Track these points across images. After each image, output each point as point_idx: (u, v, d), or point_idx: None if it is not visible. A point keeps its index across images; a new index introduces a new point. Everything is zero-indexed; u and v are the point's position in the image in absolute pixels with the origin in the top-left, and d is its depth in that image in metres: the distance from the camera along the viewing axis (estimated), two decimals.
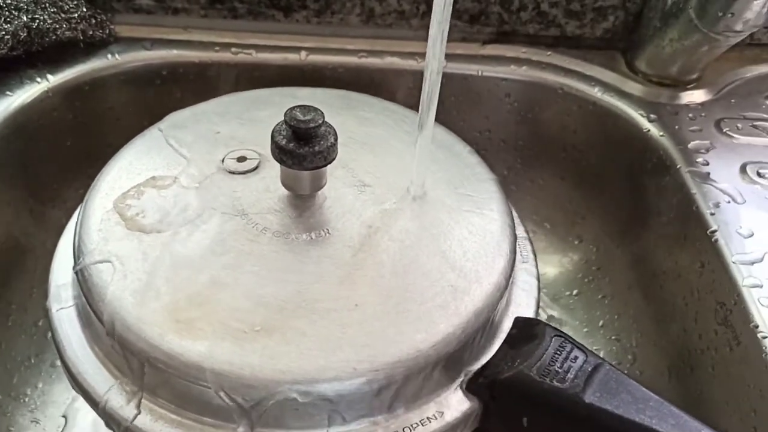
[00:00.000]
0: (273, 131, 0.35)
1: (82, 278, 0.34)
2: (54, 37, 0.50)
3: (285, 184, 0.37)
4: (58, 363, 0.48)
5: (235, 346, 0.31)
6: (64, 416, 0.46)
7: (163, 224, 0.35)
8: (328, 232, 0.36)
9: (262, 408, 0.31)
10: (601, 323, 0.52)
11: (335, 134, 0.35)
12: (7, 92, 0.48)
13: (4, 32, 0.47)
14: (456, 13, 0.54)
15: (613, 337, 0.51)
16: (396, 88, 0.55)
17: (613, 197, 0.53)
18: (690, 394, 0.42)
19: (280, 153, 0.35)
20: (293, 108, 0.34)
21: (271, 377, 0.30)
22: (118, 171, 0.39)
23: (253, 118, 0.42)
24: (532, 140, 0.56)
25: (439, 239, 0.36)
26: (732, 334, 0.38)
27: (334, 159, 0.35)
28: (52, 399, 0.46)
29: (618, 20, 0.54)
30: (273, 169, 0.38)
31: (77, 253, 0.35)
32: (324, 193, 0.37)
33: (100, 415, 0.33)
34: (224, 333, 0.31)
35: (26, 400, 0.46)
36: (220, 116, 0.42)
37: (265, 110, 0.43)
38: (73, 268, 0.35)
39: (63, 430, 0.46)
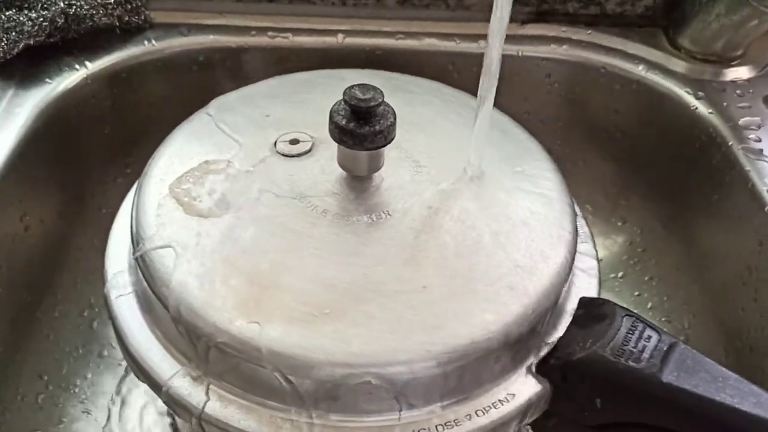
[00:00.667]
0: (331, 111, 0.34)
1: (143, 264, 0.34)
2: (90, 24, 0.49)
3: (342, 165, 0.36)
4: (106, 353, 0.48)
5: (305, 329, 0.30)
6: (108, 407, 0.46)
7: (222, 209, 0.35)
8: (389, 214, 0.35)
9: (334, 392, 0.30)
10: (649, 305, 0.51)
11: (394, 113, 0.34)
12: (47, 79, 0.47)
13: (42, 19, 0.47)
14: None
15: (663, 319, 0.50)
16: (435, 70, 0.54)
17: (659, 178, 0.52)
18: (750, 375, 0.41)
19: (340, 133, 0.34)
20: (352, 87, 0.34)
21: (343, 360, 0.30)
22: (170, 156, 0.38)
23: (301, 100, 0.42)
24: (572, 121, 0.55)
25: (501, 219, 0.35)
26: None
27: (393, 138, 0.35)
28: (101, 389, 0.46)
29: None
30: (327, 151, 0.38)
31: (136, 240, 0.35)
32: (381, 174, 0.37)
33: (165, 401, 0.33)
34: (293, 317, 0.31)
35: (76, 390, 0.45)
36: (268, 99, 0.42)
37: (312, 92, 0.42)
38: (133, 254, 0.35)
39: (109, 419, 0.46)
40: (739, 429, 0.30)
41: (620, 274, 0.54)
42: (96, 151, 0.52)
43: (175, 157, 0.38)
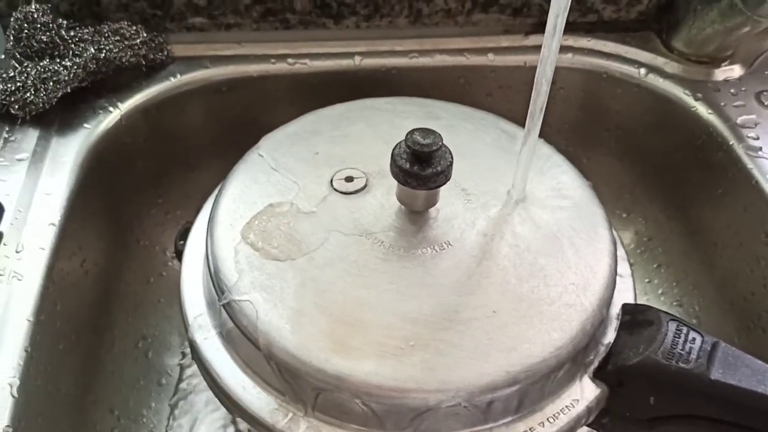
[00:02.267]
0: (393, 154, 0.37)
1: (230, 311, 0.36)
2: (118, 64, 0.51)
3: (402, 202, 0.39)
4: (164, 381, 0.50)
5: (396, 362, 0.34)
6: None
7: (295, 251, 0.38)
8: (450, 244, 0.38)
9: (426, 417, 0.34)
10: (660, 291, 0.56)
11: (451, 153, 0.37)
12: (85, 124, 0.49)
13: (76, 66, 0.48)
14: (500, 8, 0.56)
15: (674, 303, 0.55)
16: (447, 84, 0.57)
17: (662, 173, 0.57)
18: (764, 355, 0.46)
19: (404, 176, 0.37)
20: (413, 132, 0.37)
21: (434, 388, 0.33)
22: (233, 200, 0.40)
23: (344, 134, 0.44)
24: (577, 123, 0.59)
25: (550, 239, 0.39)
26: None
27: (450, 177, 0.38)
28: (166, 416, 0.49)
29: (651, 2, 0.57)
30: (381, 186, 0.41)
31: (219, 287, 0.37)
32: (436, 206, 0.40)
33: None
34: (382, 351, 0.34)
35: (144, 420, 0.48)
36: (313, 135, 0.44)
37: (352, 125, 0.45)
38: (219, 300, 0.37)
39: None
40: None
41: (630, 262, 0.58)
42: (130, 186, 0.54)
43: (239, 201, 0.40)
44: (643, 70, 0.55)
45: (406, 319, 0.35)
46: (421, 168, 0.37)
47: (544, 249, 0.38)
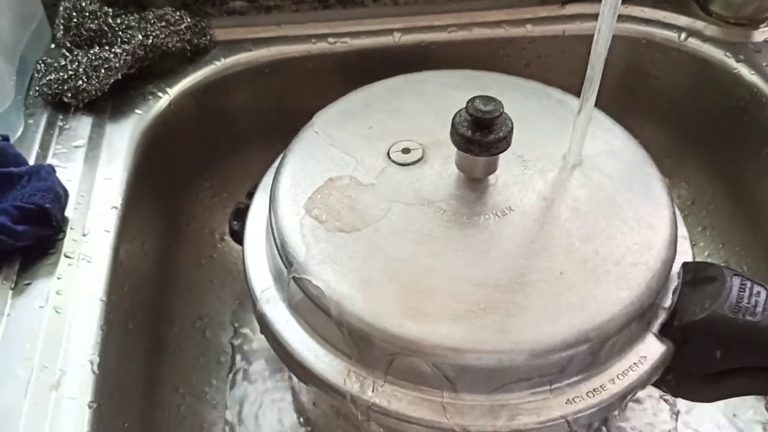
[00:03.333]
0: (454, 122, 0.38)
1: (300, 283, 0.37)
2: (164, 50, 0.51)
3: (462, 170, 0.40)
4: (222, 359, 0.51)
5: (468, 325, 0.34)
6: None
7: (360, 222, 0.38)
8: (511, 209, 0.39)
9: (499, 378, 0.34)
10: (706, 253, 0.56)
11: (511, 120, 0.38)
12: (137, 110, 0.50)
13: (125, 53, 0.49)
14: None
15: (722, 264, 0.55)
16: (488, 57, 0.57)
17: (704, 136, 0.57)
18: None
19: (466, 143, 0.37)
20: (474, 99, 0.37)
21: (508, 348, 0.34)
22: (293, 177, 0.41)
23: (396, 108, 0.45)
24: (616, 90, 0.59)
25: (609, 201, 0.39)
26: None
27: (511, 143, 0.38)
28: (228, 393, 0.50)
29: None
30: (438, 156, 0.41)
31: (287, 261, 0.38)
32: (495, 173, 0.40)
33: (341, 402, 0.36)
34: (454, 315, 0.35)
35: (207, 397, 0.49)
36: (365, 111, 0.45)
37: (402, 99, 0.46)
38: (288, 273, 0.38)
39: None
40: None
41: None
42: (180, 170, 0.54)
43: (299, 177, 0.41)
44: (682, 35, 0.55)
45: (474, 284, 0.36)
46: (483, 135, 0.37)
47: (604, 210, 0.39)
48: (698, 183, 0.58)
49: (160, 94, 0.51)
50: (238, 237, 0.44)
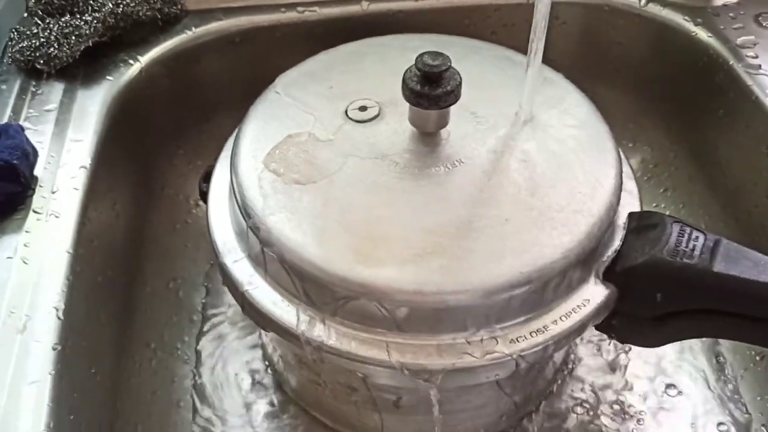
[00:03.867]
0: (404, 77, 0.39)
1: (258, 233, 0.38)
2: (135, 18, 0.53)
3: (415, 124, 0.41)
4: (195, 318, 0.53)
5: (416, 268, 0.36)
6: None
7: (316, 175, 0.40)
8: (462, 162, 0.40)
9: (445, 318, 0.36)
10: (667, 213, 0.58)
11: (459, 75, 0.39)
12: (108, 77, 0.51)
13: (95, 21, 0.50)
14: None
15: None
16: (453, 25, 0.58)
17: (664, 101, 0.58)
18: None
19: (416, 97, 0.39)
20: (423, 55, 0.39)
21: (452, 289, 0.36)
22: (254, 135, 0.43)
23: (357, 69, 0.46)
24: (580, 57, 0.61)
25: (557, 154, 0.41)
26: None
27: (460, 97, 0.40)
28: (199, 349, 0.51)
29: None
30: (394, 114, 0.43)
31: (246, 212, 0.39)
32: (447, 128, 0.42)
33: (296, 344, 0.38)
34: (402, 259, 0.36)
35: (179, 353, 0.51)
36: (326, 72, 0.46)
37: (364, 61, 0.47)
38: (246, 224, 0.39)
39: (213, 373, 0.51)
40: None
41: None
42: (154, 136, 0.56)
43: (260, 135, 0.43)
44: (643, 0, 0.57)
45: (424, 231, 0.37)
46: (432, 88, 0.39)
47: (552, 163, 0.40)
48: (660, 146, 0.60)
49: (131, 61, 0.53)
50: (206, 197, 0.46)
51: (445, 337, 0.37)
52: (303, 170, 0.40)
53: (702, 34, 0.54)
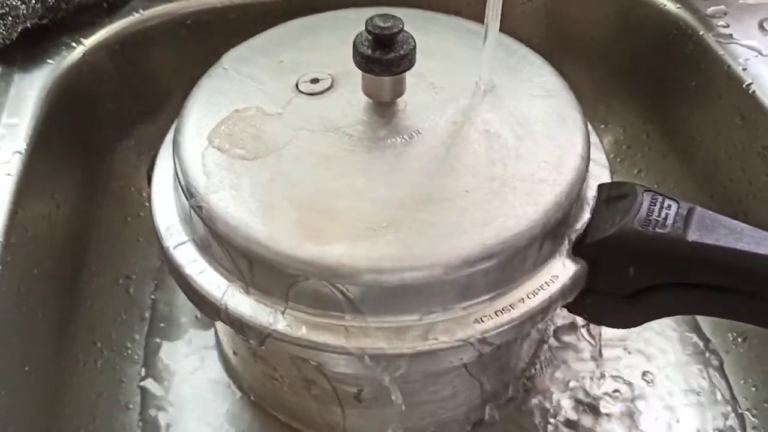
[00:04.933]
0: (355, 42, 0.37)
1: (200, 212, 0.36)
2: (79, 1, 0.50)
3: (368, 94, 0.38)
4: (147, 315, 0.50)
5: (369, 243, 0.33)
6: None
7: (263, 150, 0.37)
8: (419, 132, 0.38)
9: (403, 294, 0.33)
10: None
11: (413, 38, 0.37)
12: (48, 60, 0.48)
13: (35, 1, 0.47)
14: None
15: None
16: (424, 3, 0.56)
17: (635, 77, 0.56)
18: None
19: (366, 62, 0.36)
20: (373, 17, 0.36)
21: (409, 265, 0.33)
22: (199, 111, 0.40)
23: (309, 43, 0.44)
24: (548, 35, 0.58)
25: (521, 123, 0.38)
26: None
27: (414, 62, 0.37)
28: (150, 349, 0.48)
29: None
30: (348, 85, 0.40)
31: (188, 191, 0.36)
32: (403, 99, 0.39)
33: (245, 333, 0.35)
34: (355, 234, 0.33)
35: (129, 352, 0.48)
36: (277, 46, 0.44)
37: (317, 35, 0.44)
38: (189, 204, 0.36)
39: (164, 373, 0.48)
40: (758, 270, 0.34)
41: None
42: (101, 125, 0.53)
43: (204, 111, 0.40)
44: None
45: (378, 204, 0.35)
46: (384, 52, 0.36)
47: (515, 132, 0.38)
48: (633, 126, 0.58)
49: (74, 44, 0.50)
50: None
51: (404, 319, 0.34)
52: (249, 146, 0.37)
53: (671, 6, 0.52)
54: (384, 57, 0.36)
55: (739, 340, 0.47)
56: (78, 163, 0.51)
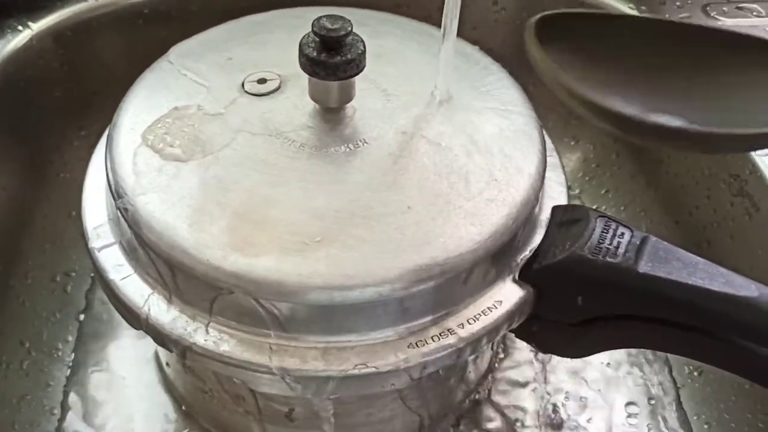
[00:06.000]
0: (301, 44, 0.35)
1: (126, 214, 0.34)
2: None
3: (314, 98, 0.36)
4: (82, 317, 0.48)
5: (299, 258, 0.31)
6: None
7: (199, 151, 0.35)
8: (366, 142, 0.36)
9: (332, 314, 0.31)
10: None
11: (363, 42, 0.35)
12: None
13: None
14: None
15: None
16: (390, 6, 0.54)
17: None
18: None
19: (311, 65, 0.34)
20: (320, 18, 0.34)
21: (339, 283, 0.31)
22: (138, 106, 0.38)
23: (261, 41, 0.42)
24: (521, 47, 0.56)
25: (474, 138, 0.37)
26: (750, 202, 0.41)
27: (364, 67, 0.35)
28: (85, 352, 0.46)
29: None
30: (296, 87, 0.38)
31: (116, 192, 0.34)
32: (352, 105, 0.37)
33: (166, 347, 0.33)
34: (286, 247, 0.31)
35: (59, 354, 0.45)
36: (228, 42, 0.41)
37: (271, 33, 0.42)
38: (116, 205, 0.34)
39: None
40: (710, 307, 0.32)
41: (577, 191, 0.56)
42: (49, 115, 0.51)
43: (143, 106, 0.38)
44: None
45: (314, 215, 0.33)
46: (330, 56, 0.34)
47: (467, 147, 0.36)
48: (603, 144, 0.56)
49: (20, 27, 0.48)
50: None
51: (332, 339, 0.32)
52: (185, 146, 0.35)
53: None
54: (329, 60, 0.34)
55: (695, 374, 0.45)
56: (22, 151, 0.48)
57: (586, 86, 0.26)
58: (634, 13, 0.51)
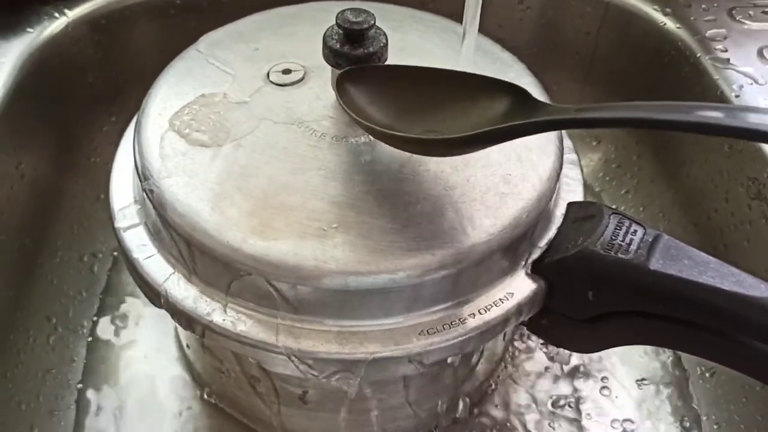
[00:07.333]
0: (325, 36, 0.36)
1: (152, 196, 0.35)
2: None
3: None
4: (110, 297, 0.49)
5: (316, 243, 0.32)
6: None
7: (223, 138, 0.36)
8: None
9: (346, 299, 0.32)
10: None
11: (385, 35, 0.36)
12: (28, 29, 0.47)
13: None
14: None
15: None
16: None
17: (631, 95, 0.55)
18: None
19: (334, 56, 0.35)
20: (344, 11, 0.35)
21: (355, 269, 0.32)
22: (166, 92, 0.39)
23: (288, 32, 0.43)
24: (545, 46, 0.57)
25: None
26: (767, 206, 0.41)
27: (386, 60, 0.36)
28: (108, 331, 0.47)
29: None
30: (320, 78, 0.39)
31: (143, 174, 0.36)
32: None
33: (184, 325, 0.34)
34: (304, 232, 0.32)
35: (84, 332, 0.47)
36: (256, 33, 0.43)
37: (298, 24, 0.43)
38: (142, 187, 0.36)
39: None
40: (720, 306, 0.32)
41: (597, 190, 0.57)
42: (81, 100, 0.52)
43: (171, 93, 0.39)
44: None
45: (332, 203, 0.33)
46: (352, 48, 0.35)
47: None
48: (625, 145, 0.56)
49: (57, 15, 0.49)
50: None
51: (346, 324, 0.33)
52: (210, 132, 0.36)
53: (671, 25, 0.50)
54: (352, 53, 0.35)
55: (707, 375, 0.45)
56: (53, 135, 0.50)
57: (368, 117, 0.34)
58: (659, 15, 0.51)
